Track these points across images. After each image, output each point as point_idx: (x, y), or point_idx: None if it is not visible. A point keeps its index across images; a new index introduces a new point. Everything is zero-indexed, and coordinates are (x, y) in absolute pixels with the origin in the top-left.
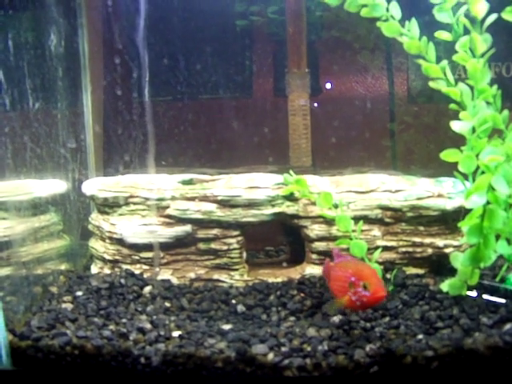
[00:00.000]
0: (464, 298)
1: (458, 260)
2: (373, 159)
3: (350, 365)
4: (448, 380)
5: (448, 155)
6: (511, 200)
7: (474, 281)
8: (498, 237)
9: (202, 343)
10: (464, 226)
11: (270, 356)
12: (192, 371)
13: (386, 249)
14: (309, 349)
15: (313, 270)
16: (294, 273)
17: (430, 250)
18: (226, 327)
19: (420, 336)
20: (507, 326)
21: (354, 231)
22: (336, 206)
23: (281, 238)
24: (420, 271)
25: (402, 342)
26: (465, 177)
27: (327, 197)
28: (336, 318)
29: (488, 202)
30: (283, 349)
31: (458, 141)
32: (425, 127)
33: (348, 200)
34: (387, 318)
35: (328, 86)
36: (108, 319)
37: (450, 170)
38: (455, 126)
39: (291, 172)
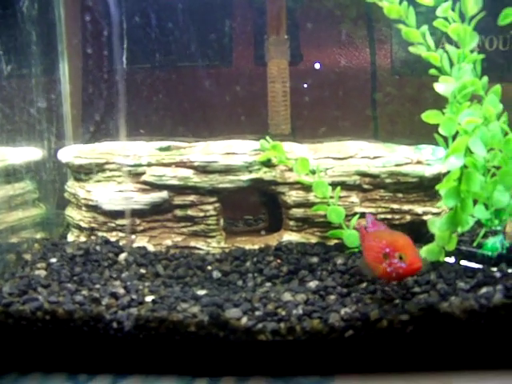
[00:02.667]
0: (442, 264)
1: (436, 225)
2: (355, 130)
3: (324, 329)
4: (423, 343)
5: (429, 117)
6: (489, 164)
7: (451, 246)
8: (475, 202)
9: (175, 308)
10: (441, 188)
11: (244, 320)
12: (165, 336)
13: (364, 215)
14: (283, 313)
15: (290, 236)
16: (272, 240)
17: (408, 217)
18: (201, 292)
19: (396, 301)
20: (483, 290)
21: (331, 197)
22: (313, 172)
23: (260, 206)
24: None
25: (377, 306)
26: (445, 141)
27: (304, 162)
28: (313, 284)
29: (466, 167)
30: (257, 313)
31: None
32: (408, 99)
33: (326, 166)
34: (364, 284)
35: (317, 66)
36: (81, 285)
37: (431, 141)
38: (439, 87)
39: (268, 138)
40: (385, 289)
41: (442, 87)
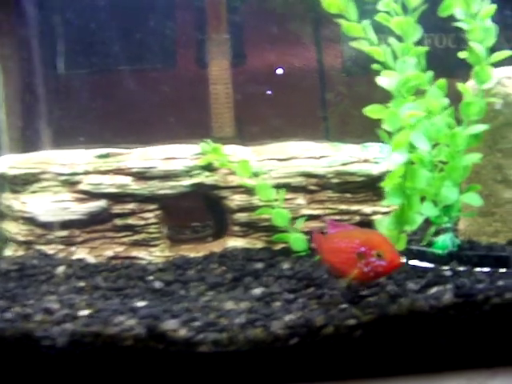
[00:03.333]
0: None
1: (383, 225)
2: (305, 131)
3: (268, 337)
4: (372, 348)
5: (373, 111)
6: (436, 160)
7: (401, 246)
8: (423, 199)
9: (112, 321)
10: (386, 186)
11: (182, 331)
12: (101, 350)
13: (311, 217)
14: (225, 322)
15: (235, 242)
16: (217, 246)
17: (357, 218)
18: (141, 304)
19: (344, 305)
20: (433, 290)
21: (275, 200)
22: (256, 175)
23: (207, 213)
24: None
25: (324, 311)
26: (391, 137)
27: (245, 165)
28: (258, 290)
29: (412, 163)
30: (197, 323)
31: None
32: (359, 98)
33: (269, 168)
34: (312, 289)
35: (279, 71)
36: (14, 301)
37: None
38: (382, 81)
39: (208, 141)
40: (333, 293)
41: (385, 81)
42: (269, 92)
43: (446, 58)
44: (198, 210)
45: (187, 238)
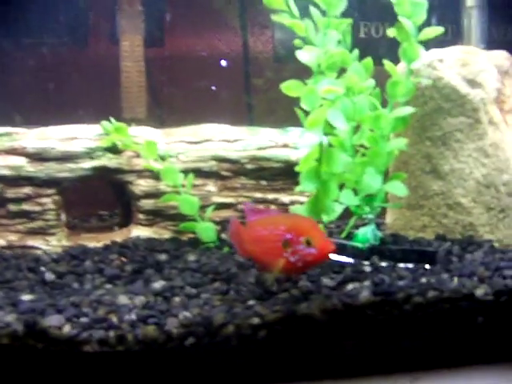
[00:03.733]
0: None
1: (298, 213)
2: (228, 118)
3: (160, 337)
4: (277, 350)
5: (289, 88)
6: (357, 144)
7: None
8: (343, 187)
9: None
10: (300, 170)
11: (66, 328)
12: None
13: (223, 206)
14: (114, 319)
15: (140, 231)
16: (120, 235)
17: (273, 207)
18: (26, 298)
19: (251, 302)
20: (349, 287)
21: (183, 186)
22: (163, 158)
23: (114, 200)
24: None
25: (226, 309)
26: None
27: (151, 146)
28: (158, 284)
29: (330, 145)
30: (83, 320)
31: None
32: None
33: (178, 151)
34: (217, 283)
35: (223, 63)
36: None
37: None
38: (302, 56)
39: (111, 120)
40: (239, 288)
41: (304, 55)
42: (213, 87)
43: (381, 47)
44: (105, 197)
45: (90, 227)
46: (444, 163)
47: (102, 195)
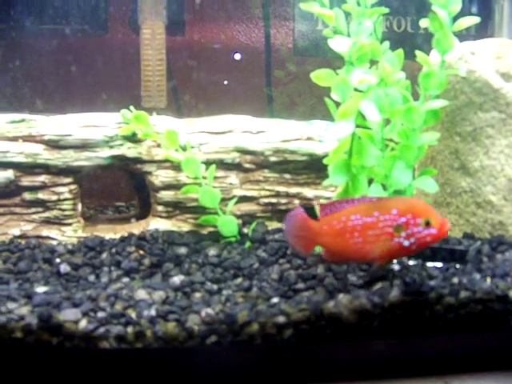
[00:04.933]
0: None
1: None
2: (248, 110)
3: (181, 334)
4: (305, 350)
5: (320, 77)
6: (388, 137)
7: None
8: (371, 182)
9: None
10: (329, 163)
11: (83, 323)
12: None
13: (244, 199)
14: (133, 314)
15: (159, 223)
16: (138, 227)
17: (296, 202)
18: (41, 290)
19: (275, 299)
20: (377, 286)
21: (204, 178)
22: (184, 148)
23: (132, 191)
24: None
25: (249, 306)
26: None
27: (172, 135)
28: (177, 279)
29: (359, 138)
30: (100, 314)
31: None
32: (310, 80)
33: (200, 141)
34: (239, 279)
35: (237, 56)
36: None
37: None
38: (334, 43)
39: (131, 108)
40: (262, 285)
41: (337, 44)
42: (225, 82)
43: (404, 41)
44: (123, 188)
45: (107, 218)
46: (473, 159)
47: (120, 186)
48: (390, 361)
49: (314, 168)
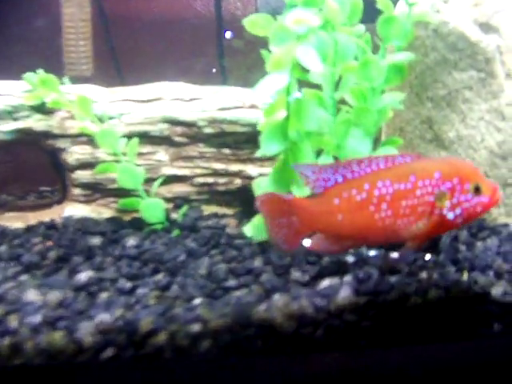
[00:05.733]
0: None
1: (262, 186)
2: (196, 79)
3: (69, 346)
4: (224, 367)
5: (254, 24)
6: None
7: None
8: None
9: None
10: (262, 129)
11: None
12: None
13: (176, 179)
14: (14, 322)
15: (75, 209)
16: (52, 214)
17: (238, 182)
18: None
19: (197, 301)
20: (324, 283)
21: (125, 154)
22: (102, 120)
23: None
24: (226, 210)
25: (161, 310)
26: None
27: (84, 103)
28: (84, 276)
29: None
30: None
31: None
32: None
33: (122, 112)
34: (159, 275)
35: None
36: None
37: None
38: None
39: (38, 71)
40: (186, 282)
41: None
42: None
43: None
44: (47, 171)
45: (24, 205)
46: (449, 129)
47: (44, 167)
48: (340, 381)
49: (258, 141)
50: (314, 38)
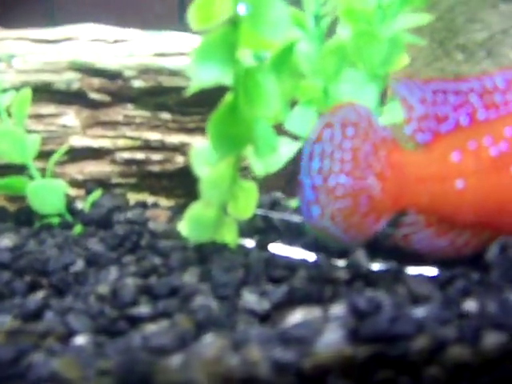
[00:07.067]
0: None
1: (202, 157)
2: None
3: None
4: None
5: None
6: None
7: (246, 212)
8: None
9: None
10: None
11: None
12: None
13: (90, 153)
14: None
15: None
16: None
17: (180, 159)
18: None
19: (78, 339)
20: (296, 316)
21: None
22: None
23: None
24: (162, 201)
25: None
26: None
27: None
28: None
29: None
30: None
31: None
32: None
33: (16, 54)
34: (40, 293)
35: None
36: None
37: None
38: None
39: None
40: (75, 306)
41: None
42: None
43: None
44: None
45: None
46: None
47: None
48: None
49: (210, 102)
50: None
